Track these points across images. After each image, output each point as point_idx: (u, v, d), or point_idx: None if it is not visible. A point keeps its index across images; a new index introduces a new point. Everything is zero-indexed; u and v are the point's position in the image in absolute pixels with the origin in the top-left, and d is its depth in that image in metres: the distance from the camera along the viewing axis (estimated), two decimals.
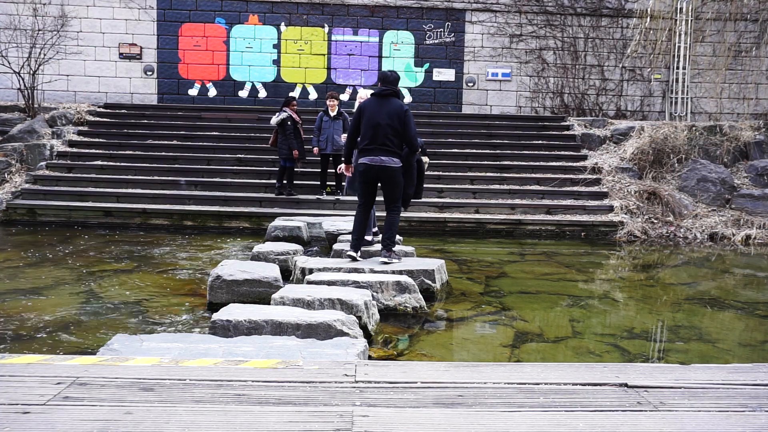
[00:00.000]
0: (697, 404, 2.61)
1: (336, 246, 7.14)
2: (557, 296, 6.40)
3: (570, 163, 12.46)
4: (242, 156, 12.29)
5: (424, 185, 11.55)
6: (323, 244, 8.40)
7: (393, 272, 5.80)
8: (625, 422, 2.41)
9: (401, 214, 6.54)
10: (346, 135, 8.85)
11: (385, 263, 6.08)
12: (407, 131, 6.09)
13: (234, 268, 5.65)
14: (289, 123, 10.57)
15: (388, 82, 6.23)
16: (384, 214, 6.41)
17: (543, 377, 2.88)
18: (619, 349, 4.75)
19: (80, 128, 12.89)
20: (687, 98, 14.85)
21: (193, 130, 13.11)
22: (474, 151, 12.80)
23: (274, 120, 10.69)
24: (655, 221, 10.90)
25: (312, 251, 8.06)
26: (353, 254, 6.21)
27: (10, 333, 4.64)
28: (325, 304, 4.66)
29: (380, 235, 7.14)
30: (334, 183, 11.11)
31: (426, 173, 12.09)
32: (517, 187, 11.66)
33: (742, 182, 12.09)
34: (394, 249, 6.29)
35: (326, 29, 14.59)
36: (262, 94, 14.58)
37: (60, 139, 12.40)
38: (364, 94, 6.88)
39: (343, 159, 6.67)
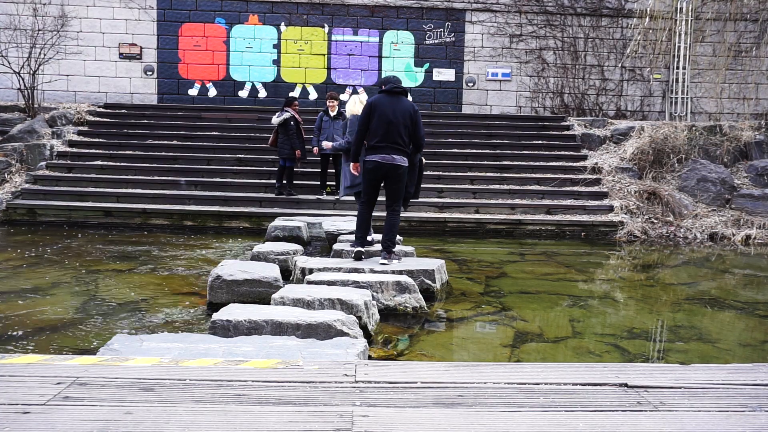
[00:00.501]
0: (697, 404, 2.61)
1: (336, 246, 7.13)
2: (557, 296, 6.40)
3: (570, 163, 12.46)
4: (242, 156, 12.29)
5: (424, 185, 11.61)
6: (323, 244, 8.40)
7: (393, 272, 5.80)
8: (625, 422, 2.41)
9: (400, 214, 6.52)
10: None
11: (385, 265, 6.07)
12: (418, 131, 6.14)
13: (234, 268, 5.64)
14: (292, 123, 10.60)
15: (392, 82, 6.23)
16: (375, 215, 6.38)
17: (543, 377, 2.88)
18: (619, 349, 4.75)
19: (80, 128, 12.90)
20: (687, 98, 14.86)
21: (193, 130, 13.11)
22: (474, 151, 12.80)
23: (277, 120, 10.69)
24: (655, 221, 10.90)
25: (312, 251, 8.06)
26: (361, 250, 6.19)
27: (11, 333, 4.64)
28: (325, 304, 4.66)
29: (374, 235, 7.15)
30: (334, 183, 11.11)
31: (426, 173, 12.14)
32: (517, 187, 11.66)
33: (742, 182, 12.10)
34: (394, 250, 6.27)
35: (326, 29, 14.59)
36: (262, 94, 14.58)
37: (60, 139, 12.40)
38: (358, 100, 6.92)
39: (343, 157, 6.65)
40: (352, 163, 6.48)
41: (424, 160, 6.82)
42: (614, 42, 14.91)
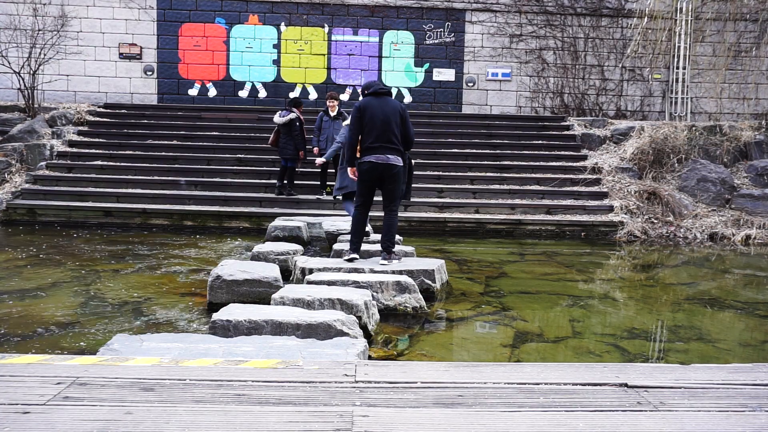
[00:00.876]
0: (697, 404, 2.61)
1: (336, 246, 7.14)
2: (557, 296, 6.40)
3: (570, 163, 12.46)
4: (242, 156, 12.29)
5: (424, 185, 11.64)
6: (323, 244, 8.40)
7: (393, 272, 5.80)
8: (625, 422, 2.41)
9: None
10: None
11: (385, 265, 6.07)
12: (407, 128, 6.19)
13: (234, 268, 5.64)
14: (297, 124, 10.65)
15: (375, 85, 6.32)
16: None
17: (543, 377, 2.88)
18: (619, 349, 4.75)
19: (80, 128, 12.89)
20: (687, 98, 14.85)
21: (193, 130, 13.11)
22: (474, 151, 12.80)
23: (282, 119, 10.67)
24: (655, 221, 10.90)
25: (312, 251, 8.06)
26: (355, 257, 6.20)
27: (10, 333, 4.64)
28: (325, 304, 4.66)
29: (371, 232, 7.21)
30: (334, 183, 11.10)
31: (426, 173, 12.17)
32: (517, 187, 11.66)
33: (742, 182, 12.10)
34: (394, 250, 6.27)
35: (326, 29, 14.59)
36: (262, 94, 14.58)
37: (60, 139, 12.40)
38: None
39: (342, 162, 6.70)
40: (349, 168, 6.51)
41: (413, 161, 6.89)
42: (614, 42, 14.91)
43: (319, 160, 9.73)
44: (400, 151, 6.16)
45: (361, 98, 6.44)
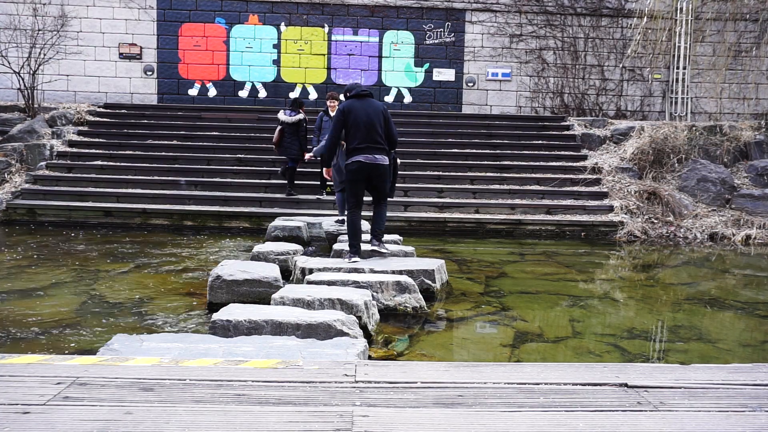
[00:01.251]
0: (697, 404, 2.61)
1: (336, 246, 7.14)
2: (557, 296, 6.40)
3: (570, 163, 12.46)
4: (242, 156, 12.29)
5: (424, 185, 11.65)
6: (323, 244, 8.40)
7: (393, 272, 5.80)
8: (625, 422, 2.41)
9: (388, 214, 6.85)
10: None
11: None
12: (390, 128, 6.37)
13: (234, 268, 5.64)
14: (304, 124, 10.72)
15: (357, 87, 6.45)
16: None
17: (543, 377, 2.88)
18: (619, 349, 4.74)
19: (80, 128, 12.89)
20: (687, 98, 14.85)
21: (193, 130, 13.11)
22: (474, 151, 12.79)
23: (292, 118, 10.68)
24: (655, 221, 10.90)
25: (312, 251, 8.07)
26: (358, 260, 6.23)
27: (10, 333, 4.64)
28: (325, 304, 4.66)
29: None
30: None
31: (426, 173, 12.18)
32: (517, 187, 11.66)
33: (742, 182, 12.09)
34: (383, 240, 6.55)
35: (326, 29, 14.59)
36: (262, 94, 14.58)
37: (60, 139, 12.40)
38: None
39: (321, 162, 6.87)
40: (324, 169, 6.66)
41: (399, 160, 7.02)
42: (614, 42, 14.91)
43: (307, 155, 10.35)
44: (386, 150, 6.34)
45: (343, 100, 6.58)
